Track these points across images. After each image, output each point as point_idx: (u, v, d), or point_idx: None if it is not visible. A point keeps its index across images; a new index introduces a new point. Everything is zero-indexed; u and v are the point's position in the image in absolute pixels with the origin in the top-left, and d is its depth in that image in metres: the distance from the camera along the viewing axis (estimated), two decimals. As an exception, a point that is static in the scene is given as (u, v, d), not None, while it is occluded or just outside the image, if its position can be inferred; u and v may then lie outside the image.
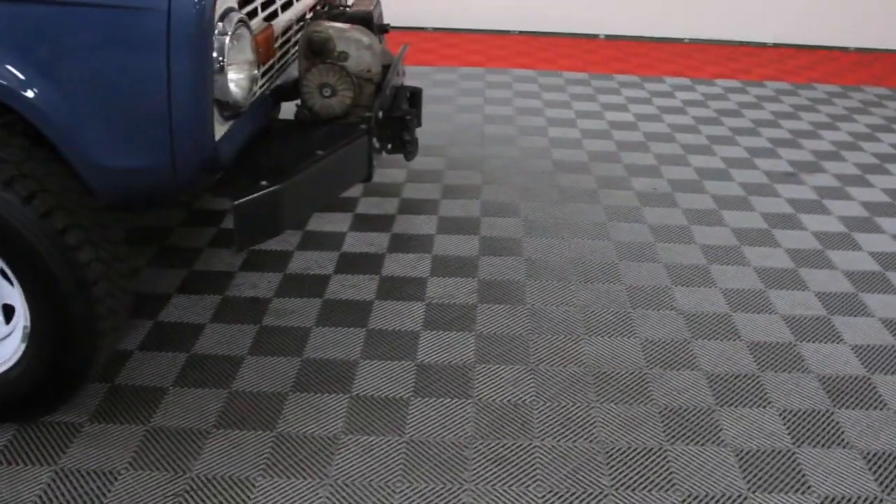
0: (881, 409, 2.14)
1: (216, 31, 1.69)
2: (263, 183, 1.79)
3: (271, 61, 2.12)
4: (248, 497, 1.80)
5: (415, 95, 2.56)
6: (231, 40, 1.72)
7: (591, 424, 2.05)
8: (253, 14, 1.97)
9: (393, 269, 2.73)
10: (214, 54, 1.67)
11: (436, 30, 6.05)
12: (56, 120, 1.60)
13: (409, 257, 2.81)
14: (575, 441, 2.00)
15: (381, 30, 2.33)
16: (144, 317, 2.44)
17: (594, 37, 6.05)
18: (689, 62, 5.48)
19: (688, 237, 3.02)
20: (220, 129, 1.79)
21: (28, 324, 1.82)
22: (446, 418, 2.04)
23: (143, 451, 1.92)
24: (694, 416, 2.10)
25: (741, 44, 6.01)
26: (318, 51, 2.15)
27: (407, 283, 2.64)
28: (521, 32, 6.09)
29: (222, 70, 1.70)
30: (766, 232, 3.08)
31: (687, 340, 2.39)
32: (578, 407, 2.11)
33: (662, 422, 2.07)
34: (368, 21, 2.24)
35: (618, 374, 2.24)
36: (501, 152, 3.76)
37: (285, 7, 2.22)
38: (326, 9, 2.39)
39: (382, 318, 2.45)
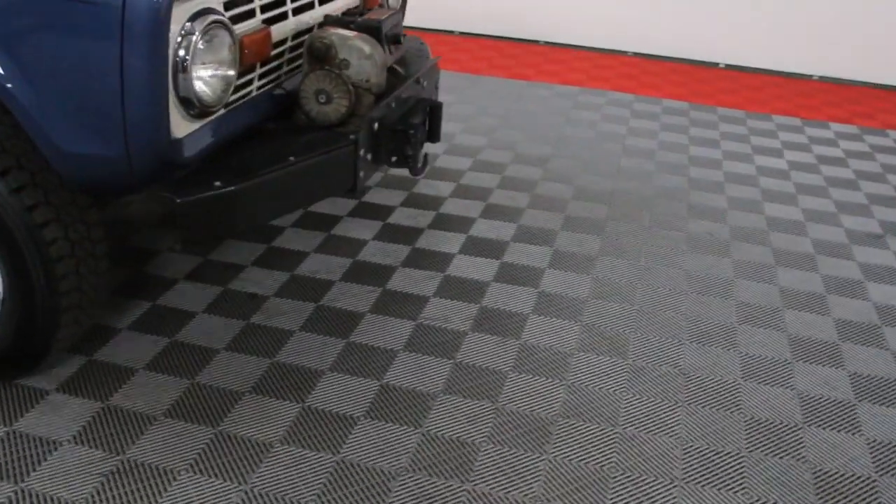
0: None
1: (183, 31, 1.73)
2: (217, 184, 1.81)
3: (271, 64, 2.14)
4: (167, 489, 1.83)
5: (434, 110, 2.51)
6: (200, 40, 1.75)
7: (674, 422, 2.14)
8: (247, 15, 1.99)
9: (399, 284, 2.69)
10: (182, 52, 1.71)
11: (547, 43, 5.95)
12: (22, 101, 1.68)
13: (419, 274, 2.76)
14: (656, 434, 2.09)
15: (393, 40, 2.30)
16: (145, 298, 2.54)
17: (714, 65, 5.74)
18: (807, 101, 5.09)
19: (855, 293, 2.80)
20: (186, 127, 1.83)
21: (1, 290, 1.94)
22: (388, 444, 1.98)
23: (90, 427, 1.99)
24: (778, 429, 2.14)
25: (873, 86, 5.51)
26: (318, 57, 2.15)
27: (407, 301, 2.60)
28: (636, 54, 5.88)
29: (186, 68, 1.73)
30: None
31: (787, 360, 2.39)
32: (666, 404, 2.20)
33: (746, 431, 2.12)
34: (376, 31, 2.22)
35: (710, 379, 2.31)
36: (633, 188, 3.58)
37: (302, 10, 2.24)
38: (354, 13, 2.39)
39: (366, 333, 2.42)
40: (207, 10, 1.79)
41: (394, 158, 2.32)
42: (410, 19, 6.05)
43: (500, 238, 3.05)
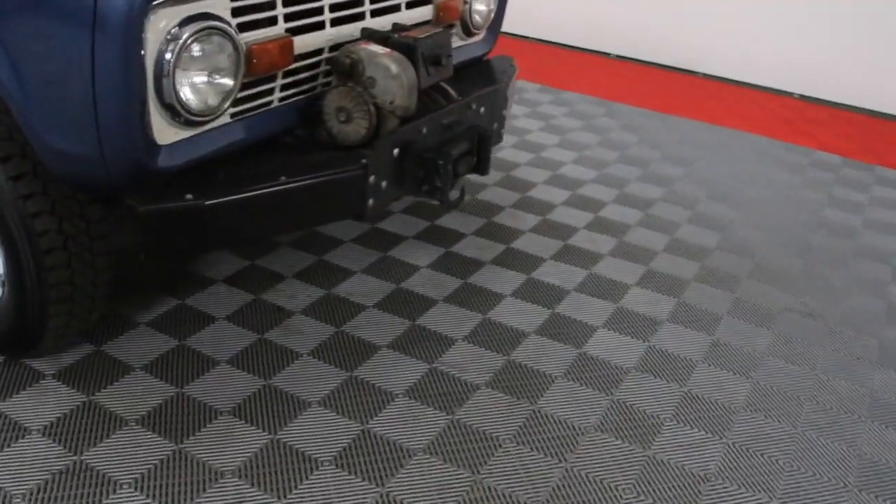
0: None
1: (169, 35, 1.66)
2: (188, 196, 1.73)
3: (301, 75, 2.03)
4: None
5: (484, 139, 2.29)
6: (188, 45, 1.68)
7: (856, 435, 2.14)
8: (265, 23, 1.90)
9: (431, 321, 2.51)
10: (168, 56, 1.65)
11: (706, 76, 5.46)
12: (12, 92, 1.69)
13: (457, 312, 2.55)
14: (835, 442, 2.12)
15: (433, 62, 2.11)
16: (175, 295, 2.53)
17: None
18: None
19: None
20: (174, 134, 1.76)
21: (3, 272, 1.98)
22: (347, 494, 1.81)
23: (63, 420, 1.99)
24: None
25: None
26: (342, 72, 2.01)
27: (431, 341, 2.41)
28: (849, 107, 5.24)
29: (169, 73, 1.66)
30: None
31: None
32: (849, 418, 2.21)
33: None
34: (409, 50, 2.04)
35: None
36: (822, 272, 3.04)
37: (341, 21, 2.11)
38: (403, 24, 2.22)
39: (373, 370, 2.26)
40: (203, 16, 1.72)
41: (424, 188, 2.14)
42: (553, 35, 5.79)
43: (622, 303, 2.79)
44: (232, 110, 1.91)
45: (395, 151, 2.03)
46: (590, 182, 3.63)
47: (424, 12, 2.48)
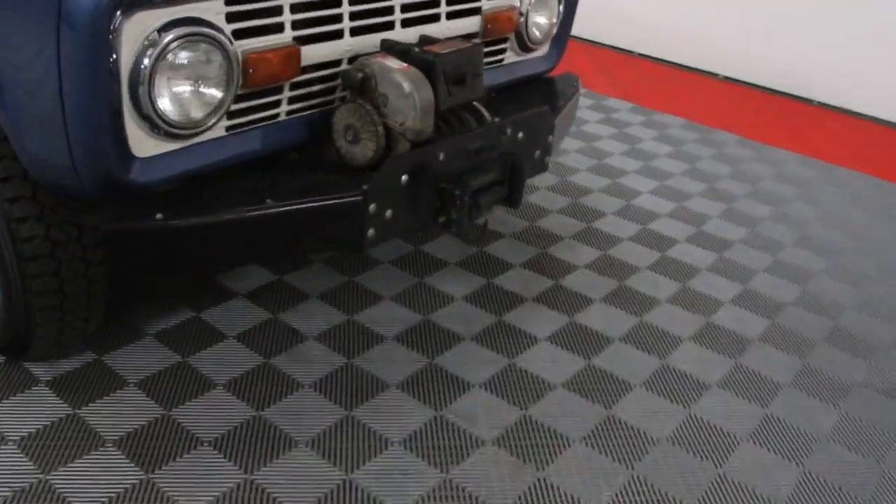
0: None
1: (147, 40, 1.53)
2: (159, 216, 1.60)
3: (315, 87, 1.88)
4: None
5: (517, 169, 2.05)
6: (168, 53, 1.55)
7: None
8: (268, 30, 1.75)
9: (451, 362, 2.29)
10: (146, 63, 1.52)
11: (821, 105, 4.95)
12: None
13: (483, 354, 2.33)
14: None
15: (457, 80, 1.89)
16: (194, 307, 2.43)
17: None
18: None
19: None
20: (154, 147, 1.64)
21: (-5, 275, 1.93)
22: None
23: (41, 433, 1.91)
24: None
25: None
26: (352, 88, 1.84)
27: (443, 386, 2.20)
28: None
29: (145, 82, 1.54)
30: None
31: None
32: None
33: None
34: (428, 67, 1.83)
35: None
36: None
37: (363, 31, 1.94)
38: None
39: (371, 414, 2.07)
40: (188, 21, 1.58)
41: (441, 219, 1.93)
42: (657, 51, 5.40)
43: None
44: (227, 123, 1.77)
45: (404, 178, 1.84)
46: (664, 216, 3.31)
47: (469, 24, 2.28)
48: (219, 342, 2.30)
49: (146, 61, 1.54)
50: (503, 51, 2.48)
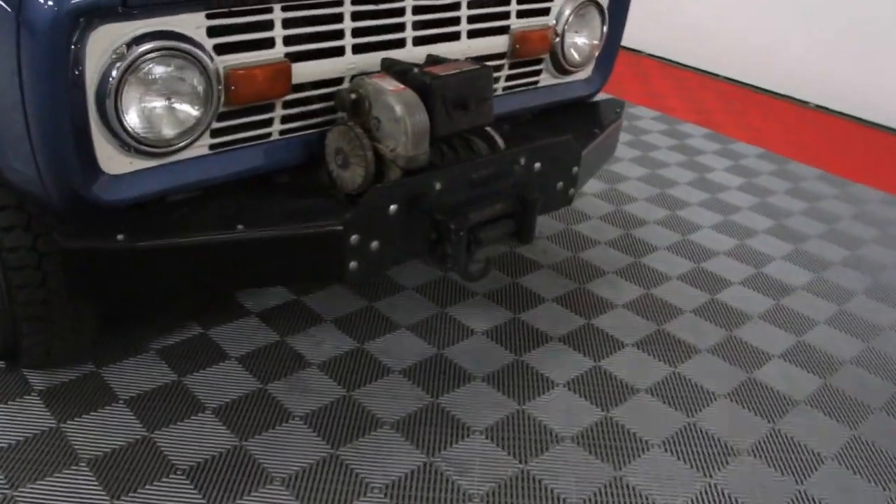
0: None
1: (115, 53, 1.46)
2: (119, 237, 1.52)
3: (314, 106, 1.78)
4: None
5: (528, 204, 1.88)
6: (134, 67, 1.48)
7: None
8: (257, 45, 1.65)
9: (457, 403, 2.14)
10: (113, 76, 1.46)
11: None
12: None
13: (494, 397, 2.16)
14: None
15: (458, 104, 1.73)
16: (203, 324, 2.36)
17: None
18: None
19: None
20: (126, 164, 1.58)
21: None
22: None
23: (20, 446, 1.87)
24: None
25: None
26: (344, 109, 1.72)
27: (442, 427, 2.06)
28: None
29: (111, 96, 1.47)
30: None
31: None
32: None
33: None
34: (424, 90, 1.69)
35: None
36: None
37: (368, 48, 1.83)
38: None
39: (360, 454, 1.95)
40: (162, 35, 1.51)
41: (437, 253, 1.79)
42: (746, 76, 5.05)
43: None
44: (211, 141, 1.70)
45: (393, 208, 1.71)
46: (721, 254, 3.05)
47: (495, 43, 2.13)
48: (218, 363, 2.23)
49: (114, 75, 1.48)
50: (537, 73, 2.32)
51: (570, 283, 2.77)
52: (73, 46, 1.41)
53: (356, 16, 1.80)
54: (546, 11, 2.22)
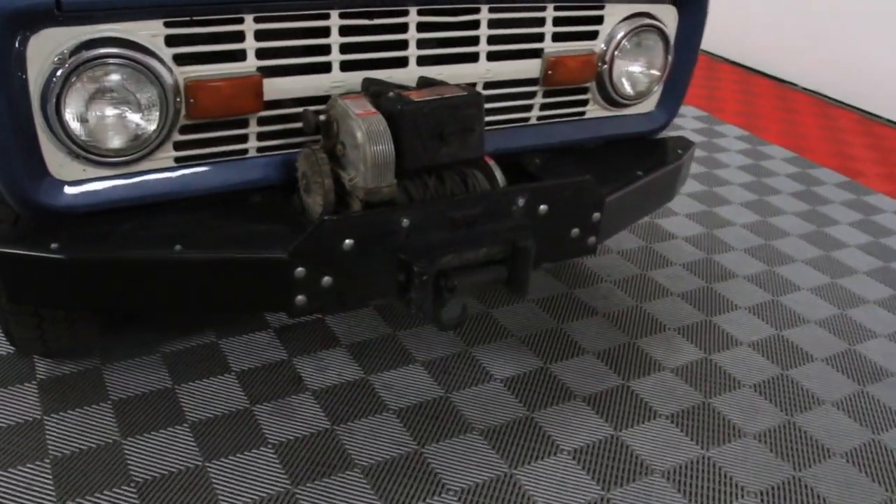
0: None
1: (57, 58, 1.42)
2: (53, 245, 1.48)
3: (281, 125, 1.67)
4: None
5: (520, 253, 1.65)
6: (75, 74, 1.43)
7: None
8: (225, 57, 1.56)
9: (437, 458, 1.95)
10: (56, 82, 1.43)
11: None
12: None
13: (481, 456, 1.95)
14: None
15: (439, 134, 1.53)
16: (214, 331, 2.34)
17: None
18: None
19: None
20: (80, 171, 1.54)
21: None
22: None
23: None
24: None
25: None
26: (309, 129, 1.58)
27: (417, 484, 1.88)
28: None
29: (52, 103, 1.43)
30: None
31: None
32: None
33: None
34: (393, 117, 1.50)
35: None
36: None
37: (359, 66, 1.69)
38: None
39: (318, 498, 1.82)
40: (110, 42, 1.45)
41: (406, 297, 1.62)
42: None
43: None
44: (176, 154, 1.63)
45: (349, 243, 1.56)
46: (812, 322, 2.62)
47: (523, 68, 1.92)
48: (218, 375, 2.18)
49: (54, 81, 1.45)
50: (582, 103, 2.08)
51: (622, 336, 2.48)
52: (14, 49, 1.40)
53: (346, 30, 1.68)
54: (592, 35, 1.98)
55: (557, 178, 1.84)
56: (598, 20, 1.99)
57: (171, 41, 1.53)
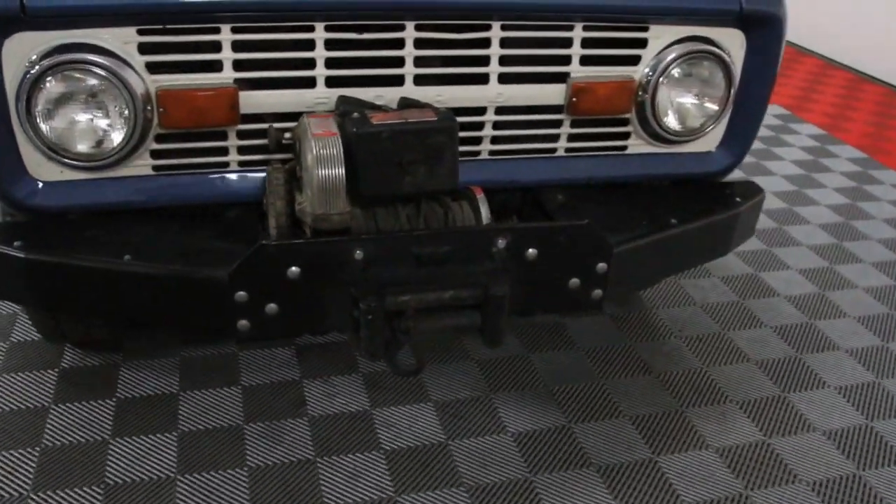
0: None
1: (28, 61, 1.41)
2: (17, 243, 1.47)
3: (259, 140, 1.58)
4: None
5: (493, 300, 1.43)
6: (42, 80, 1.43)
7: None
8: (201, 67, 1.50)
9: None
10: (27, 87, 1.43)
11: None
12: None
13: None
14: None
15: (402, 162, 1.35)
16: (233, 343, 2.30)
17: None
18: None
19: None
20: (58, 173, 1.53)
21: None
22: None
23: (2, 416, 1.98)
24: None
25: None
26: (271, 147, 1.48)
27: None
28: None
29: (22, 105, 1.43)
30: None
31: None
32: None
33: None
34: (351, 140, 1.34)
35: None
36: None
37: (348, 83, 1.57)
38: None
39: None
40: (80, 48, 1.43)
41: (357, 335, 1.47)
42: None
43: None
44: (153, 162, 1.59)
45: (294, 271, 1.44)
46: (916, 421, 2.17)
47: (543, 93, 1.71)
48: (223, 387, 2.13)
49: (24, 84, 1.45)
50: (622, 136, 1.83)
51: (670, 401, 2.19)
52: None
53: (332, 44, 1.57)
54: (632, 60, 1.74)
55: (559, 220, 1.63)
56: (641, 43, 1.74)
57: (144, 49, 1.49)
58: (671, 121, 1.80)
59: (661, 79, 1.75)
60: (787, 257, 2.94)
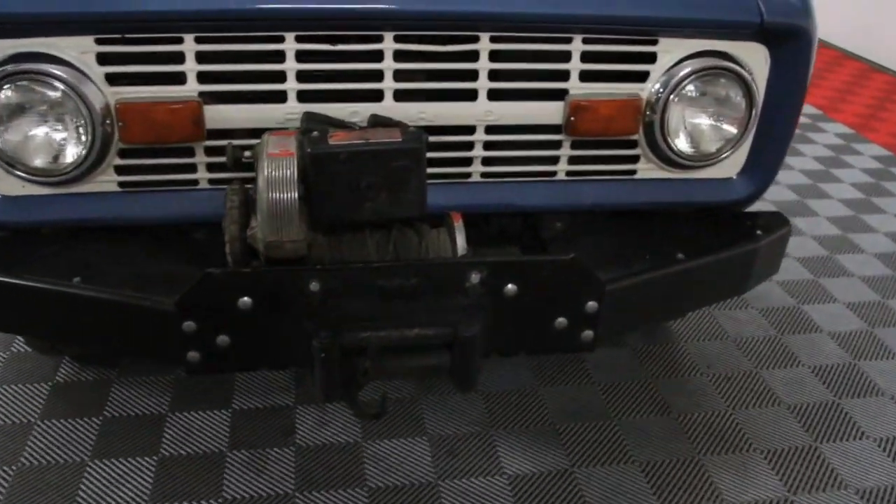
0: None
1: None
2: (-18, 259, 1.42)
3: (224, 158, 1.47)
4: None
5: (464, 343, 1.29)
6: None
7: None
8: (163, 79, 1.41)
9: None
10: None
11: None
12: None
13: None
14: None
15: (356, 188, 1.22)
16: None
17: None
18: None
19: None
20: (19, 187, 1.46)
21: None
22: None
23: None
24: None
25: None
26: (229, 165, 1.37)
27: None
28: None
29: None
30: None
31: None
32: None
33: None
34: (306, 162, 1.22)
35: None
36: None
37: (323, 97, 1.46)
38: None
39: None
40: (32, 57, 1.36)
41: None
42: None
43: None
44: (119, 178, 1.51)
45: (245, 301, 1.33)
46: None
47: (538, 112, 1.55)
48: (216, 410, 2.06)
49: (-19, 94, 1.40)
50: (630, 159, 1.66)
51: (687, 448, 2.00)
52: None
53: (305, 56, 1.46)
54: (640, 76, 1.57)
55: (550, 250, 1.48)
56: (649, 58, 1.58)
57: (103, 59, 1.42)
58: (683, 144, 1.62)
59: (671, 97, 1.57)
60: (835, 289, 2.71)
